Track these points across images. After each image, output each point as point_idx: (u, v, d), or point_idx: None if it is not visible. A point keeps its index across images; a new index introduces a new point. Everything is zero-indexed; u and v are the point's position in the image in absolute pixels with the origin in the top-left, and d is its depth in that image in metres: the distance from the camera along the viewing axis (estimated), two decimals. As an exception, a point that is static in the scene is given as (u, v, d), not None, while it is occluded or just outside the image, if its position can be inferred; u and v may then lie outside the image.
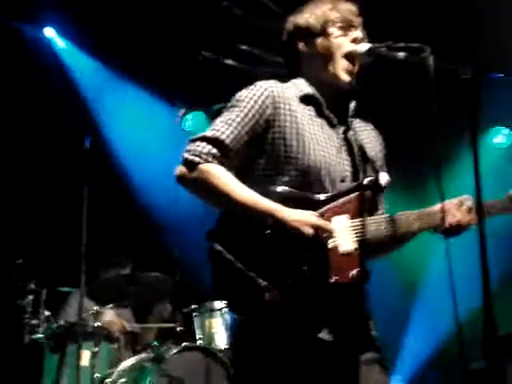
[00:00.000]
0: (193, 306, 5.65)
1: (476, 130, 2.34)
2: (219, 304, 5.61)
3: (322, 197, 2.61)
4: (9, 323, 5.71)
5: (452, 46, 4.79)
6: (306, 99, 2.77)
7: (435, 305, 6.34)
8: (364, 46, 2.79)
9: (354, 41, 2.79)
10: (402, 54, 2.73)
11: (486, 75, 2.44)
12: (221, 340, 5.50)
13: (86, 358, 5.33)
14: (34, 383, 5.31)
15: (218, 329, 5.56)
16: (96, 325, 5.47)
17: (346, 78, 2.77)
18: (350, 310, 2.61)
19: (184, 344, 5.31)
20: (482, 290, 2.13)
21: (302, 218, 2.49)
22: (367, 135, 2.89)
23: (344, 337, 2.56)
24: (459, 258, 2.66)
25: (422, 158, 6.11)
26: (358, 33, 2.81)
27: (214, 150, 2.60)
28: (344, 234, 2.56)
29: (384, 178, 2.69)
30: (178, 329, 5.64)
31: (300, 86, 2.81)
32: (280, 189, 2.60)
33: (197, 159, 2.59)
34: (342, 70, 2.77)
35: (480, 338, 2.29)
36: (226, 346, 5.41)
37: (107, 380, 5.28)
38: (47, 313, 5.47)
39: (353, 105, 2.86)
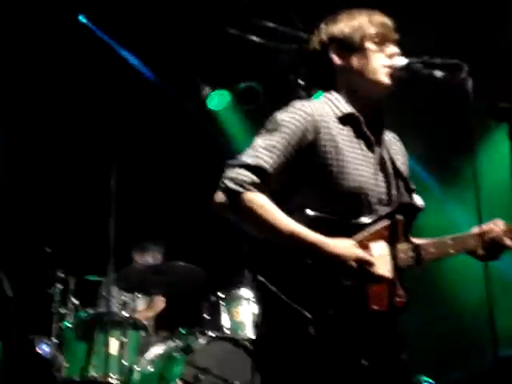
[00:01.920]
0: (220, 295, 5.64)
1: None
2: (246, 292, 5.61)
3: (360, 222, 2.59)
4: (37, 312, 5.76)
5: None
6: (344, 119, 2.71)
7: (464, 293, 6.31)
8: (402, 61, 2.73)
9: (391, 56, 2.74)
10: (439, 74, 2.70)
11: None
12: (248, 329, 5.50)
13: (114, 346, 5.38)
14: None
15: (245, 317, 5.56)
16: (124, 314, 5.49)
17: (387, 80, 2.71)
18: (386, 337, 2.60)
19: (212, 334, 5.33)
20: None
21: (345, 252, 2.47)
22: (396, 149, 2.86)
23: (380, 362, 2.56)
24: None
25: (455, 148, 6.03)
26: (394, 48, 2.75)
27: (257, 179, 2.54)
28: (383, 262, 2.54)
29: (419, 200, 2.68)
30: (205, 316, 5.64)
31: (337, 104, 2.74)
32: (318, 214, 2.56)
33: (240, 189, 2.52)
34: (381, 74, 2.71)
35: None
36: (254, 336, 5.41)
37: (135, 368, 5.35)
38: (76, 301, 5.51)
39: (385, 118, 2.82)
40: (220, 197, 2.55)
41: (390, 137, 2.87)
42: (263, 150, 2.58)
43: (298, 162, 2.61)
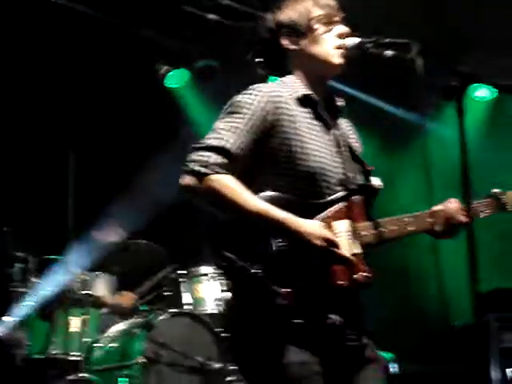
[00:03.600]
0: (180, 272, 5.71)
1: (465, 142, 2.39)
2: (206, 269, 5.69)
3: (321, 202, 2.64)
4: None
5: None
6: (302, 101, 2.75)
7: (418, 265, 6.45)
8: (353, 40, 2.80)
9: (340, 36, 2.80)
10: (389, 53, 2.76)
11: (472, 83, 2.49)
12: (208, 305, 5.59)
13: (75, 324, 5.41)
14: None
15: (205, 294, 5.65)
16: (84, 292, 5.52)
17: (338, 60, 2.77)
18: (352, 310, 2.67)
19: (172, 310, 5.40)
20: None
21: (313, 231, 2.52)
22: (351, 134, 2.92)
23: (346, 332, 2.63)
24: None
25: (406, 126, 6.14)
26: (342, 27, 2.81)
27: (221, 160, 2.56)
28: (345, 239, 2.62)
29: (376, 181, 2.75)
30: (165, 294, 5.71)
31: (294, 85, 2.78)
32: (280, 195, 2.61)
33: (205, 170, 2.55)
34: (333, 55, 2.78)
35: (463, 296, 2.38)
36: (214, 311, 5.51)
37: (96, 345, 5.41)
38: (36, 280, 5.52)
39: (340, 103, 2.89)
40: (186, 180, 2.57)
41: (345, 121, 2.92)
42: (225, 131, 2.61)
43: (261, 142, 2.64)
